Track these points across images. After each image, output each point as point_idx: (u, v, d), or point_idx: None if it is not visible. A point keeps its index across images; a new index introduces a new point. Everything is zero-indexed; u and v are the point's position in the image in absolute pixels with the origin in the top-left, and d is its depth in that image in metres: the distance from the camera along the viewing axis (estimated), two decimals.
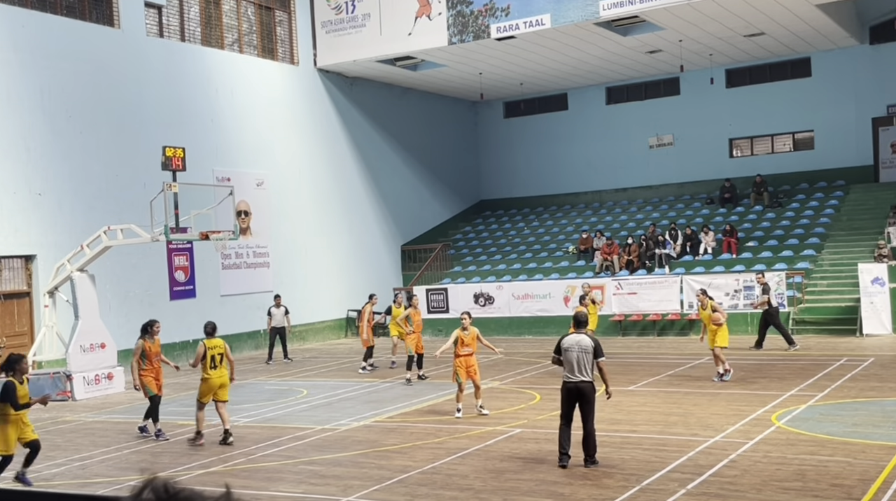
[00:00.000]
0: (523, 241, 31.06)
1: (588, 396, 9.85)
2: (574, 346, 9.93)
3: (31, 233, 19.88)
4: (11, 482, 10.41)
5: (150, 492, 0.96)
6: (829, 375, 15.64)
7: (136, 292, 21.81)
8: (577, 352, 9.87)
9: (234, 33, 25.92)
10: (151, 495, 0.96)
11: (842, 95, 28.90)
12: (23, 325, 20.01)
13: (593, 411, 9.92)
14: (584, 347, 9.89)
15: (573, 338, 10.04)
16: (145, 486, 0.97)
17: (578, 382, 9.85)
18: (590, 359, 9.89)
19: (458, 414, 13.26)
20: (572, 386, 9.89)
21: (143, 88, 22.45)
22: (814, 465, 9.49)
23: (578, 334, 10.12)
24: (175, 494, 0.96)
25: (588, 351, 9.88)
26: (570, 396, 9.91)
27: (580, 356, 9.86)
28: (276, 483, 9.93)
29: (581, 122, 33.13)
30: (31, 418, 15.47)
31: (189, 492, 0.98)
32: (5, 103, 19.53)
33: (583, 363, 9.85)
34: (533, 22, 24.13)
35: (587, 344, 9.92)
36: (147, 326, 13.61)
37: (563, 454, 9.94)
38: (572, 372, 9.88)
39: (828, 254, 24.89)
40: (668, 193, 31.87)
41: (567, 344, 10.01)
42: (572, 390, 9.89)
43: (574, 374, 9.87)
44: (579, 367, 9.85)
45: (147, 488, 0.96)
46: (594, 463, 9.84)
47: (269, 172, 25.93)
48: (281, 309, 22.39)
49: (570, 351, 9.92)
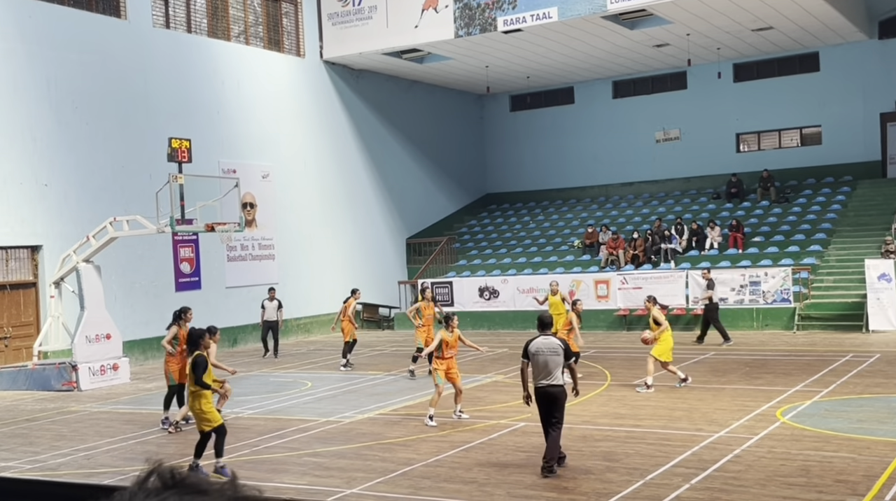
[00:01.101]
0: (529, 235, 31.03)
1: (559, 400, 9.44)
2: (542, 349, 9.53)
3: (38, 224, 19.92)
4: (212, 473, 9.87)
5: (156, 479, 0.95)
6: (835, 371, 15.60)
7: (141, 283, 21.85)
8: (547, 355, 9.47)
9: (241, 25, 25.89)
10: (157, 481, 0.95)
11: (850, 90, 28.77)
12: (29, 315, 20.06)
13: (562, 417, 9.51)
14: (552, 349, 9.51)
15: (540, 341, 9.61)
16: (151, 473, 0.96)
17: (548, 386, 9.44)
18: (559, 362, 9.48)
19: (432, 423, 12.06)
20: (541, 392, 9.48)
21: (149, 79, 22.45)
22: (818, 461, 9.47)
23: (545, 336, 9.68)
24: (181, 480, 0.95)
25: (557, 353, 9.48)
26: (541, 401, 9.49)
27: (549, 359, 9.46)
28: (281, 475, 9.94)
29: (587, 116, 33.05)
30: (35, 407, 15.54)
31: (195, 478, 0.97)
32: (12, 94, 19.54)
33: (552, 366, 9.45)
34: (540, 15, 24.06)
35: (555, 347, 9.53)
36: (180, 313, 13.37)
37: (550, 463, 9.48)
38: (541, 376, 9.46)
39: (834, 250, 24.82)
40: (675, 188, 31.79)
41: (534, 347, 9.59)
42: (542, 395, 9.47)
43: (544, 379, 9.45)
44: (548, 371, 9.45)
45: (153, 474, 0.96)
46: (550, 472, 9.24)
47: (275, 164, 25.93)
48: (274, 303, 21.70)
49: (539, 354, 9.51)
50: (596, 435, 11.22)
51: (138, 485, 0.95)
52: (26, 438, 12.86)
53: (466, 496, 8.75)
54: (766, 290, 22.73)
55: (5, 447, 12.29)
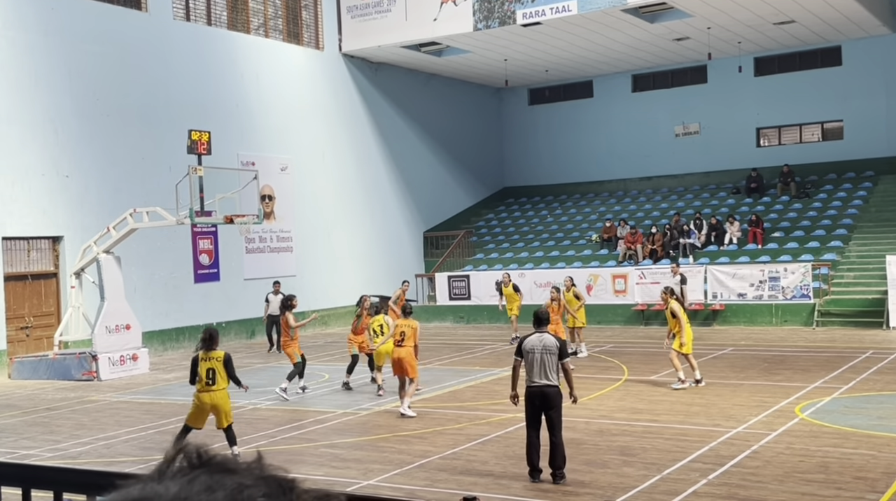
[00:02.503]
0: (546, 229, 30.96)
1: (554, 402, 8.96)
2: (537, 347, 9.04)
3: (59, 215, 20.10)
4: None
5: (183, 458, 0.96)
6: (855, 367, 15.49)
7: (160, 275, 22.00)
8: (541, 354, 8.99)
9: (260, 17, 25.96)
10: (184, 461, 0.96)
11: (872, 84, 28.47)
12: (50, 306, 20.26)
13: (561, 419, 9.01)
14: (548, 348, 9.02)
15: (536, 338, 9.12)
16: (177, 453, 0.97)
17: (543, 386, 8.94)
18: (554, 361, 9.00)
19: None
20: (536, 391, 8.97)
21: (169, 72, 22.57)
22: (837, 458, 9.41)
23: (541, 334, 9.20)
24: (209, 460, 0.96)
25: (553, 351, 9.00)
26: (534, 402, 9.00)
27: (544, 357, 8.98)
28: (298, 466, 10.00)
29: (606, 110, 32.90)
30: (56, 396, 15.67)
31: (222, 457, 0.98)
32: (34, 86, 19.71)
33: (547, 365, 8.97)
34: (559, 8, 23.96)
35: (552, 345, 9.06)
36: (287, 300, 15.06)
37: (533, 469, 8.99)
38: (535, 375, 8.98)
39: (855, 246, 24.60)
40: (694, 182, 31.61)
41: (529, 345, 9.08)
42: (536, 394, 8.98)
43: (538, 378, 8.97)
44: (543, 370, 8.97)
45: (179, 454, 0.97)
46: (562, 479, 8.86)
47: (294, 157, 26.01)
48: (279, 297, 20.64)
49: (533, 352, 9.01)
50: (613, 430, 11.20)
51: (166, 464, 0.96)
52: (47, 427, 13.00)
53: (483, 488, 8.76)
54: (786, 286, 22.57)
55: (27, 435, 12.44)
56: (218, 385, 10.16)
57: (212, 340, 10.29)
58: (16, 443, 11.90)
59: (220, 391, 10.19)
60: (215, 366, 10.16)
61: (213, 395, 10.15)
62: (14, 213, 19.29)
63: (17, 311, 19.55)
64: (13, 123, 19.29)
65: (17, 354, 19.02)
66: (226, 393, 10.28)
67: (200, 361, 10.22)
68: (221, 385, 10.19)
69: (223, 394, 10.23)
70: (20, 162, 19.38)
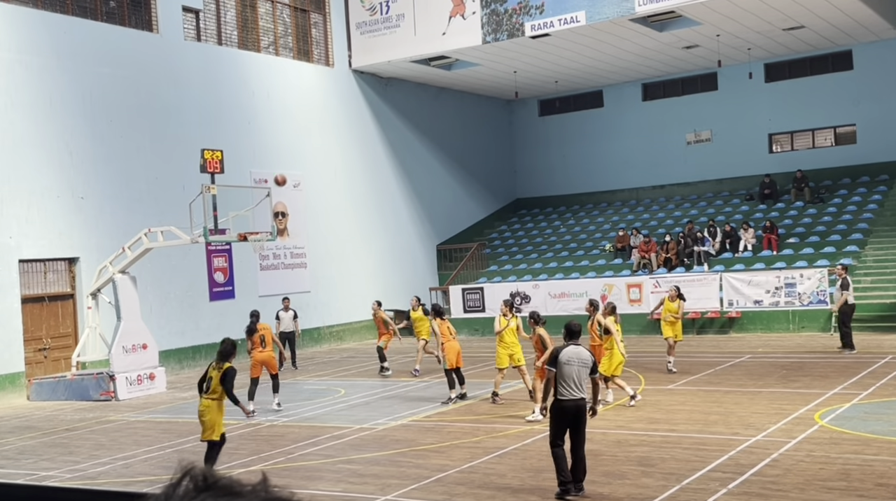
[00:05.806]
0: (559, 240, 30.92)
1: (584, 416, 8.95)
2: (574, 359, 8.96)
3: (74, 236, 20.25)
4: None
5: (189, 481, 0.97)
6: (874, 373, 15.35)
7: (176, 293, 22.11)
8: (578, 366, 8.92)
9: (270, 36, 26.15)
10: (190, 484, 0.97)
11: (884, 88, 28.33)
12: (67, 326, 20.39)
13: (585, 433, 8.99)
14: (583, 361, 9.00)
15: (572, 351, 9.06)
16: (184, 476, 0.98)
17: (579, 400, 8.88)
18: (586, 374, 8.99)
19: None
20: (571, 405, 8.84)
21: (181, 92, 22.75)
22: (858, 465, 9.32)
23: (576, 346, 9.17)
24: (214, 483, 0.97)
25: (587, 365, 9.00)
26: (568, 415, 8.85)
27: (580, 371, 8.93)
28: (315, 482, 9.99)
29: (617, 119, 32.89)
30: (74, 417, 15.74)
31: (228, 480, 0.99)
32: (48, 108, 19.92)
33: (582, 378, 8.93)
34: (567, 19, 24.02)
35: (587, 358, 9.06)
36: (434, 309, 16.52)
37: (569, 482, 8.80)
38: (573, 388, 8.88)
39: (871, 250, 24.42)
40: (707, 190, 31.51)
41: (566, 356, 8.99)
42: (571, 409, 8.84)
43: (575, 391, 8.88)
44: (578, 383, 8.90)
45: (185, 478, 0.98)
46: (581, 490, 8.82)
47: (306, 173, 26.13)
48: (289, 313, 21.13)
49: (570, 364, 8.92)
50: (631, 440, 11.14)
51: (172, 488, 0.97)
52: (66, 447, 13.06)
53: None
54: (802, 292, 22.42)
55: (46, 456, 12.50)
56: (209, 394, 10.36)
57: (223, 355, 10.51)
58: (35, 465, 11.96)
59: (208, 400, 10.36)
60: (213, 376, 10.39)
61: (202, 403, 10.45)
62: (30, 236, 19.46)
63: (35, 333, 19.68)
64: (28, 146, 19.49)
65: (35, 375, 19.13)
66: (214, 404, 10.35)
67: (209, 370, 10.58)
68: (212, 395, 10.34)
69: (210, 404, 10.33)
70: (36, 184, 19.57)
